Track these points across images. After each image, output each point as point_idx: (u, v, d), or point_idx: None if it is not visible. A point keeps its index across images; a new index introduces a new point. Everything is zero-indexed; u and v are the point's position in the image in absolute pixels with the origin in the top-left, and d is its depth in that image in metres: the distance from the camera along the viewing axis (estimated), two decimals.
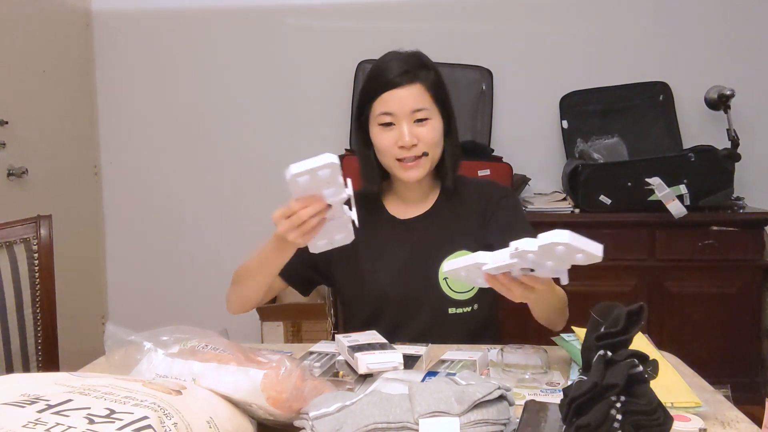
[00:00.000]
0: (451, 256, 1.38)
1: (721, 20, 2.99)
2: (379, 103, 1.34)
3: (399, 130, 1.32)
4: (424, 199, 1.46)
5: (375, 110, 1.35)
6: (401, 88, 1.32)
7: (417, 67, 1.35)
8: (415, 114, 1.32)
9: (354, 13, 3.10)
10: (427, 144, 1.34)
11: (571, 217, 2.71)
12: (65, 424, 0.68)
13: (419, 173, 1.35)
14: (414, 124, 1.32)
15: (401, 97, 1.32)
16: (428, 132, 1.33)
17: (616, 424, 0.72)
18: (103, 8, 3.18)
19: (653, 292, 2.64)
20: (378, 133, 1.35)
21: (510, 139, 3.02)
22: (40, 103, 2.79)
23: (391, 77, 1.33)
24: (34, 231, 1.59)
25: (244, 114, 3.19)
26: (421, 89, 1.33)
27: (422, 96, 1.33)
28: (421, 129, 1.33)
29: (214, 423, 0.79)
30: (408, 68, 1.34)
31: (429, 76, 1.35)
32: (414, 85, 1.33)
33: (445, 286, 1.39)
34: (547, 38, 3.05)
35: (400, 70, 1.33)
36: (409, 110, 1.32)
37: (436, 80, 1.37)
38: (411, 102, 1.32)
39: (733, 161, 2.67)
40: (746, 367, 2.63)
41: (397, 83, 1.32)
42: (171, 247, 3.25)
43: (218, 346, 0.94)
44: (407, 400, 0.87)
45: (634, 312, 0.77)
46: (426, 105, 1.33)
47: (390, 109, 1.32)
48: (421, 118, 1.33)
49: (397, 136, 1.32)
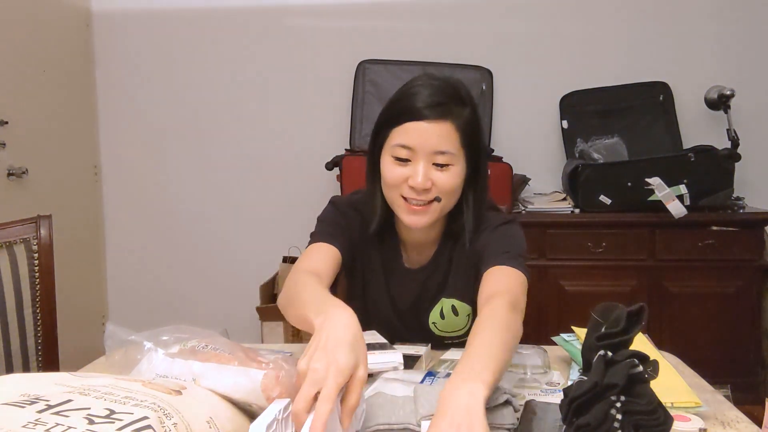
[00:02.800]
0: (436, 306, 1.34)
1: (721, 20, 2.99)
2: (399, 132, 1.16)
3: (414, 168, 1.15)
4: (426, 246, 1.33)
5: (392, 139, 1.17)
6: (428, 121, 1.14)
7: (451, 101, 1.16)
8: (436, 156, 1.15)
9: (354, 13, 3.10)
10: (442, 191, 1.17)
11: (571, 217, 2.71)
12: (65, 425, 0.68)
13: (425, 221, 1.19)
14: (432, 167, 1.15)
15: (425, 132, 1.14)
16: (447, 179, 1.16)
17: (616, 424, 0.72)
18: (103, 8, 3.19)
19: (653, 292, 2.65)
20: (389, 164, 1.18)
21: (510, 139, 3.03)
22: (40, 103, 2.79)
23: (419, 106, 1.14)
24: (34, 231, 1.59)
25: (243, 114, 3.19)
26: (451, 129, 1.15)
27: (449, 137, 1.15)
28: (439, 174, 1.16)
29: (214, 423, 0.79)
30: (441, 100, 1.15)
31: (463, 114, 1.17)
32: (443, 123, 1.14)
33: (434, 329, 1.36)
34: (547, 38, 3.06)
35: (431, 101, 1.14)
36: (430, 150, 1.14)
37: (471, 120, 1.18)
38: (435, 141, 1.14)
39: (733, 161, 2.67)
40: (746, 367, 2.64)
41: (424, 116, 1.14)
42: (171, 247, 3.25)
43: (218, 346, 0.94)
44: (411, 402, 0.87)
45: (634, 312, 0.77)
46: (452, 149, 1.15)
47: (409, 143, 1.14)
48: (443, 163, 1.15)
49: (410, 173, 1.15)
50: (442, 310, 1.35)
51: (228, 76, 3.18)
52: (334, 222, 1.29)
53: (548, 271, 2.67)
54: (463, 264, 1.31)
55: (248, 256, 3.18)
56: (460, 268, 1.31)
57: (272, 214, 3.15)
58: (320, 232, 1.28)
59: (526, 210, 2.75)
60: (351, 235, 1.30)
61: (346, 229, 1.30)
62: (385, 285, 1.37)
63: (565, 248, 2.69)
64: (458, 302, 1.34)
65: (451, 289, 1.34)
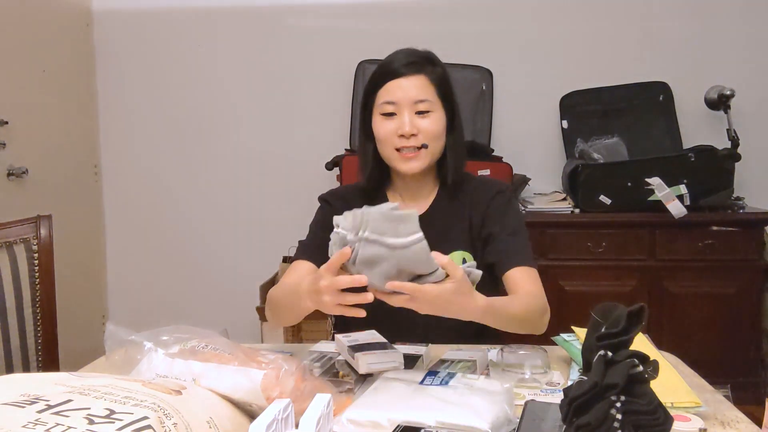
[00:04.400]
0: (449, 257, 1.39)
1: (721, 20, 2.99)
2: (383, 92, 1.35)
3: (400, 119, 1.33)
4: (423, 196, 1.45)
5: (378, 99, 1.36)
6: (405, 77, 1.33)
7: (424, 61, 1.36)
8: (417, 105, 1.33)
9: (354, 13, 3.10)
10: (428, 136, 1.34)
11: (571, 217, 2.71)
12: (65, 425, 0.68)
13: (418, 165, 1.35)
14: (415, 116, 1.33)
15: (404, 86, 1.33)
16: (429, 124, 1.34)
17: (616, 424, 0.72)
18: (103, 8, 3.18)
19: (653, 292, 2.65)
20: (379, 122, 1.36)
21: (510, 139, 3.03)
22: (40, 103, 2.79)
23: (396, 66, 1.34)
24: (34, 231, 1.59)
25: (243, 114, 3.19)
26: (426, 81, 1.34)
27: (426, 88, 1.34)
28: (422, 120, 1.33)
29: (214, 423, 0.79)
30: (414, 60, 1.35)
31: (435, 71, 1.37)
32: (418, 76, 1.34)
33: None
34: (547, 38, 3.06)
35: (406, 61, 1.35)
36: (411, 100, 1.33)
37: (442, 76, 1.38)
38: (414, 92, 1.33)
39: (733, 161, 2.67)
40: (746, 367, 2.63)
41: (401, 73, 1.34)
42: (171, 247, 3.25)
43: (218, 346, 0.94)
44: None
45: (634, 312, 0.77)
46: (429, 97, 1.34)
47: (392, 98, 1.33)
48: (423, 110, 1.33)
49: (398, 125, 1.33)
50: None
51: (228, 76, 3.18)
52: (314, 233, 1.43)
53: (548, 271, 2.66)
54: (466, 218, 1.42)
55: (248, 256, 3.18)
56: (464, 222, 1.42)
57: (272, 214, 3.15)
58: (302, 247, 1.42)
59: (526, 210, 2.75)
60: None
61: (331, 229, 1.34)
62: None
63: (565, 248, 2.69)
64: (469, 255, 1.39)
65: (457, 242, 1.39)
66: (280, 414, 0.76)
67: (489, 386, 0.99)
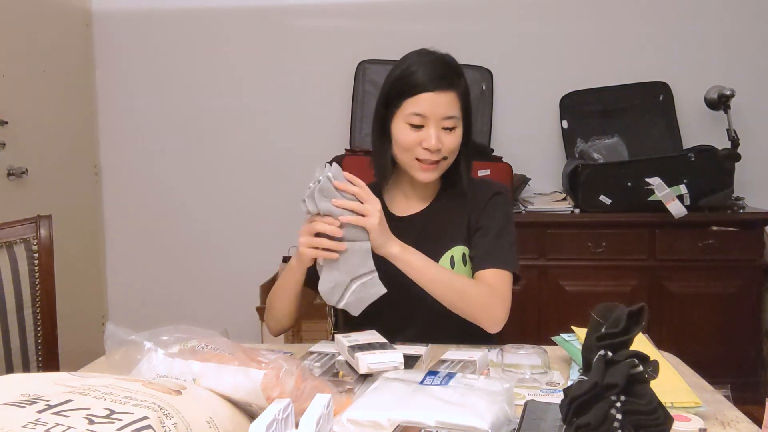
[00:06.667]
0: (446, 253, 1.41)
1: (721, 20, 2.99)
2: (412, 102, 1.35)
3: (427, 132, 1.34)
4: (427, 194, 1.49)
5: (406, 108, 1.36)
6: (437, 93, 1.34)
7: (453, 75, 1.38)
8: (445, 121, 1.35)
9: (354, 13, 3.10)
10: (449, 150, 1.37)
11: (571, 217, 2.71)
12: (65, 425, 0.68)
13: (436, 175, 1.40)
14: (442, 131, 1.35)
15: (436, 102, 1.34)
16: (453, 140, 1.37)
17: (616, 424, 0.72)
18: (103, 8, 3.19)
19: (653, 292, 2.65)
20: (403, 129, 1.37)
21: (510, 139, 3.03)
22: (40, 103, 2.79)
23: (429, 80, 1.35)
24: (34, 231, 1.59)
25: (243, 114, 3.19)
26: (454, 98, 1.36)
27: (454, 104, 1.36)
28: (447, 136, 1.36)
29: (214, 423, 0.79)
30: (446, 74, 1.37)
31: (461, 84, 1.39)
32: (449, 93, 1.35)
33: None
34: (547, 38, 3.06)
35: (438, 74, 1.35)
36: (440, 116, 1.34)
37: (466, 90, 1.41)
38: (443, 109, 1.34)
39: (733, 161, 2.67)
40: (746, 367, 2.64)
41: (434, 87, 1.34)
42: (171, 247, 3.25)
43: (218, 346, 0.94)
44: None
45: (634, 313, 0.77)
46: (455, 113, 1.36)
47: (423, 111, 1.34)
48: (449, 126, 1.36)
49: (423, 137, 1.34)
50: (452, 258, 1.41)
51: (228, 76, 3.18)
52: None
53: (548, 271, 2.67)
54: (463, 217, 1.45)
55: (248, 256, 3.18)
56: (462, 220, 1.45)
57: (272, 214, 3.15)
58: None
59: (526, 210, 2.75)
60: None
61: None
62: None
63: (565, 248, 2.69)
64: (468, 250, 1.42)
65: (455, 238, 1.43)
66: (280, 414, 0.76)
67: (489, 386, 0.99)
